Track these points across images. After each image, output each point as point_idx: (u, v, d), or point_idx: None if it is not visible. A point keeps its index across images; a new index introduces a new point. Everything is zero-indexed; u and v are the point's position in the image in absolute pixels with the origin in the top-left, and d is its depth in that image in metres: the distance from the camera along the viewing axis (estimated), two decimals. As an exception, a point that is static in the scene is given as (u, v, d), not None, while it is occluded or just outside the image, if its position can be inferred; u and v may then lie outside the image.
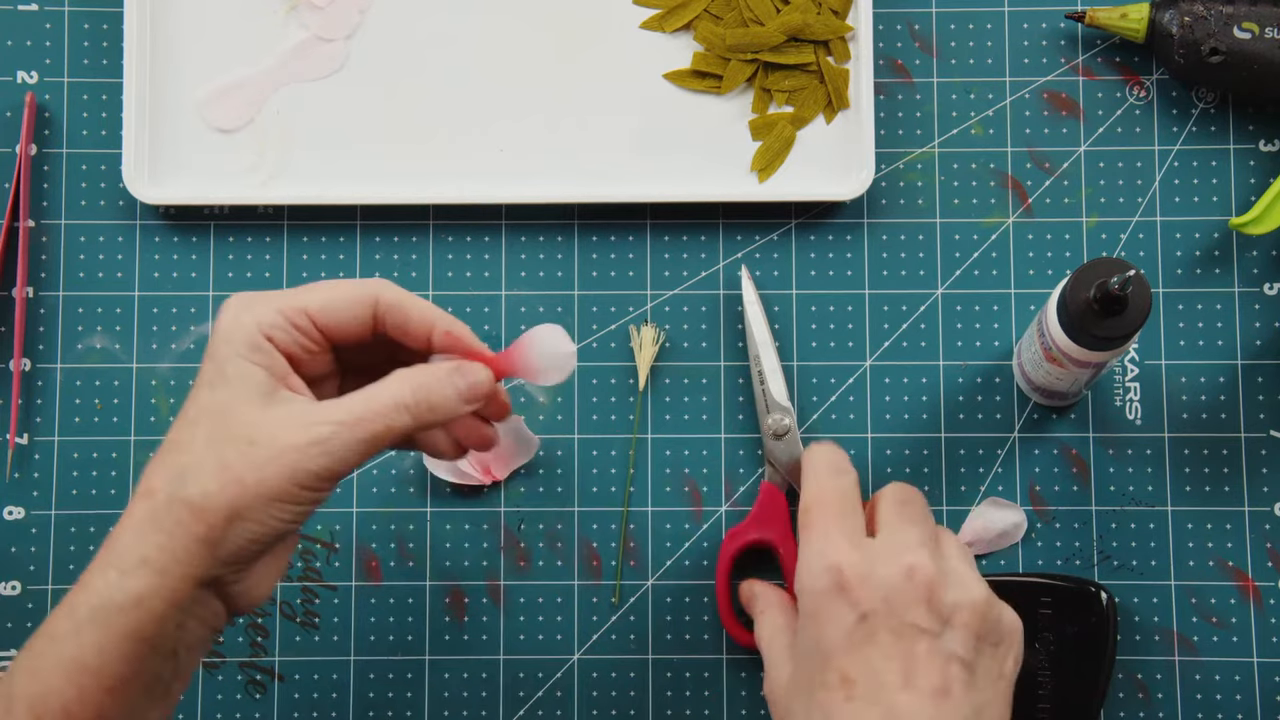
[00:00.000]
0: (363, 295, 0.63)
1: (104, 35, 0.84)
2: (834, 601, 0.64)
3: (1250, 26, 0.80)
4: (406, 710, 0.80)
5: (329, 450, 0.59)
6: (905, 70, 0.84)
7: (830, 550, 0.65)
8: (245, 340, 0.60)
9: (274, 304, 0.62)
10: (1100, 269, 0.68)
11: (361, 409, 0.60)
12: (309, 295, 0.62)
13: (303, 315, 0.62)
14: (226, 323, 0.61)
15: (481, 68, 0.83)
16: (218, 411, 0.60)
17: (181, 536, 0.58)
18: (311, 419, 0.59)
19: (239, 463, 0.59)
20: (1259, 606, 0.80)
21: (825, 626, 0.64)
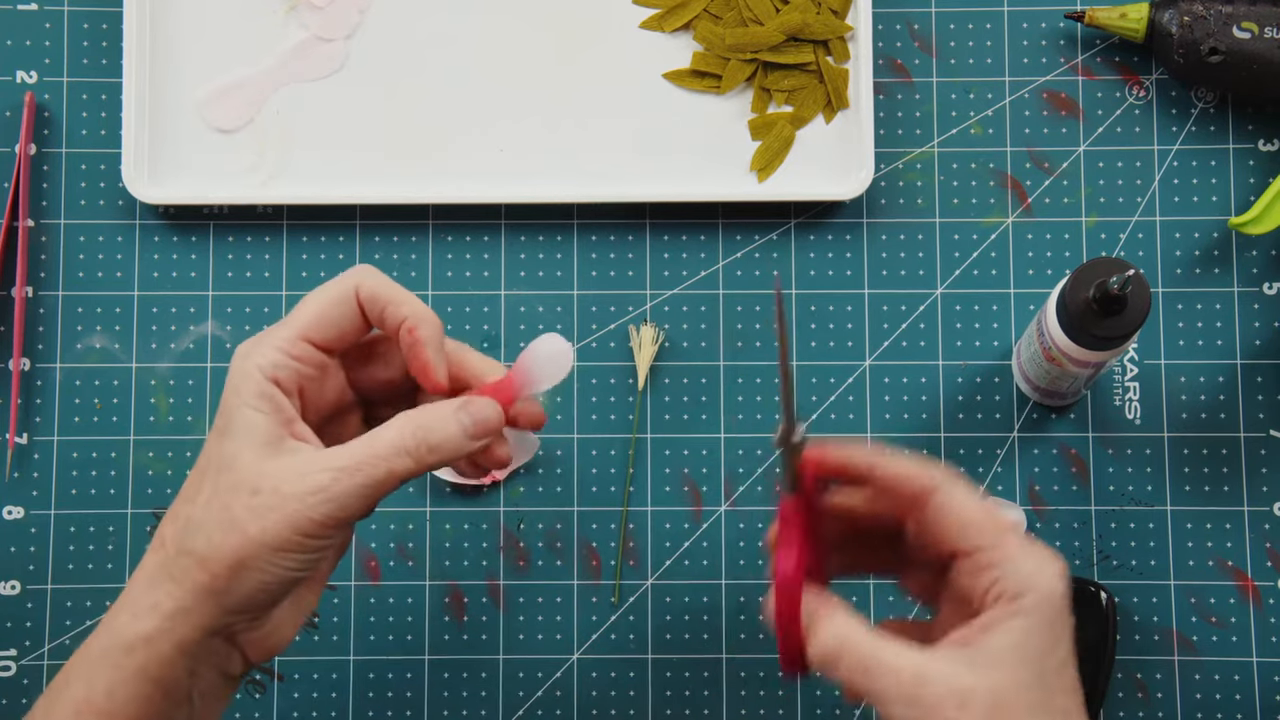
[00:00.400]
0: (345, 293, 0.62)
1: (104, 35, 0.84)
2: (1065, 610, 0.59)
3: (1250, 26, 0.80)
4: (406, 710, 0.80)
5: (330, 498, 0.59)
6: (905, 70, 0.84)
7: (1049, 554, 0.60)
8: (252, 389, 0.60)
9: (273, 342, 0.61)
10: (1100, 269, 0.68)
11: (362, 454, 0.59)
12: (300, 317, 0.62)
13: (299, 343, 0.61)
14: (234, 372, 0.61)
15: (481, 68, 0.83)
16: (223, 462, 0.60)
17: (189, 586, 0.59)
18: (312, 466, 0.59)
19: (242, 513, 0.59)
20: (1259, 606, 0.80)
21: (1062, 631, 0.59)
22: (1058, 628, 0.57)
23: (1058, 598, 0.57)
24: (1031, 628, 0.57)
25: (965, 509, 0.59)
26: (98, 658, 0.59)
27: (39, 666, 0.80)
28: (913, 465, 0.61)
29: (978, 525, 0.59)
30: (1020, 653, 0.57)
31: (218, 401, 0.81)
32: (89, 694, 0.58)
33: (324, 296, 0.62)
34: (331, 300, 0.62)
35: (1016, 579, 0.57)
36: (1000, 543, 0.59)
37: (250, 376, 0.60)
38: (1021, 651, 0.57)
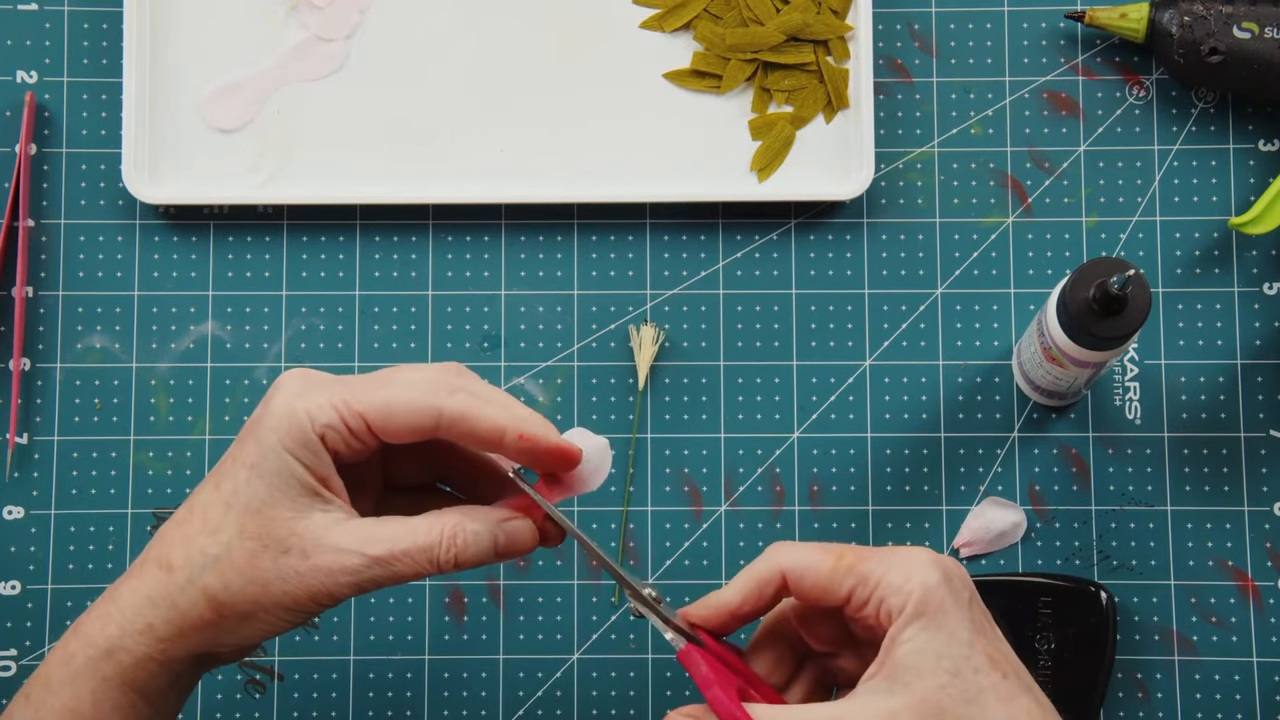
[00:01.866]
0: (426, 409, 0.60)
1: (104, 35, 0.84)
2: (951, 591, 0.59)
3: (1250, 26, 0.80)
4: (406, 710, 0.80)
5: (358, 583, 0.59)
6: (905, 70, 0.84)
7: (909, 552, 0.61)
8: (296, 435, 0.59)
9: (332, 400, 0.59)
10: (1100, 269, 0.68)
11: (396, 549, 0.59)
12: (370, 398, 0.60)
13: (359, 420, 0.60)
14: (280, 408, 0.59)
15: (481, 68, 0.83)
16: (255, 505, 0.59)
17: (194, 619, 0.59)
18: (345, 544, 0.59)
19: (269, 569, 0.59)
20: (1259, 606, 0.80)
21: (955, 615, 0.59)
22: (949, 614, 0.58)
23: (934, 590, 0.58)
24: (924, 629, 0.58)
25: (815, 571, 0.60)
26: (82, 669, 0.59)
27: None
28: (750, 574, 0.61)
29: (830, 575, 0.60)
30: (927, 654, 0.58)
31: (218, 402, 0.82)
32: (75, 704, 0.59)
33: (401, 399, 0.60)
34: (407, 408, 0.60)
35: (893, 594, 0.58)
36: (863, 571, 0.59)
37: (299, 424, 0.59)
38: (927, 652, 0.58)
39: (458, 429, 0.60)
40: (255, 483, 0.59)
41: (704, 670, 0.61)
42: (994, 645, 0.59)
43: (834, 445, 0.82)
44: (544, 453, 0.61)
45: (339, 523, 0.60)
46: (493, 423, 0.60)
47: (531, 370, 0.82)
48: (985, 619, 0.60)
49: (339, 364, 0.82)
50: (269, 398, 0.60)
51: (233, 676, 0.80)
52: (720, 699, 0.60)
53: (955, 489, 0.81)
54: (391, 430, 0.60)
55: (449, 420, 0.60)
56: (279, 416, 0.59)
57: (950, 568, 0.59)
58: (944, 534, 0.81)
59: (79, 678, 0.59)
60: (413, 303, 0.83)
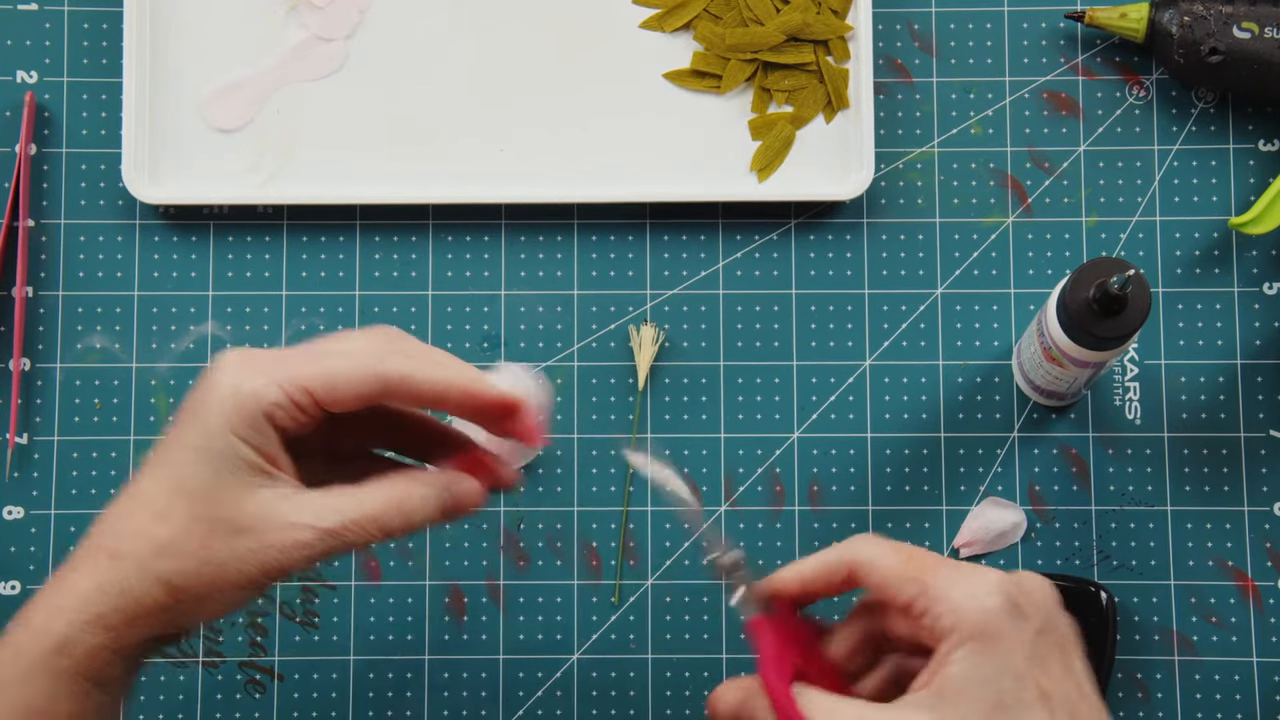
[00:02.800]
0: (368, 375, 0.60)
1: (104, 35, 0.84)
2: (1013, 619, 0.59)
3: (1250, 26, 0.80)
4: (406, 710, 0.80)
5: (310, 556, 0.59)
6: (905, 70, 0.84)
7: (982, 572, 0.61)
8: (243, 416, 0.59)
9: (275, 377, 0.60)
10: (1100, 269, 0.68)
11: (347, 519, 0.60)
12: (312, 370, 0.60)
13: (305, 394, 0.60)
14: (224, 389, 0.59)
15: (481, 68, 0.83)
16: (204, 489, 0.59)
17: (148, 605, 0.59)
18: (297, 518, 0.59)
19: (222, 552, 0.59)
20: (1259, 606, 0.80)
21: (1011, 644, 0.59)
22: (1003, 642, 0.58)
23: (993, 615, 0.58)
24: (975, 653, 0.57)
25: (884, 570, 0.60)
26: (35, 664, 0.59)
27: (39, 666, 0.80)
28: (825, 555, 0.61)
29: (899, 578, 0.60)
30: (973, 680, 0.57)
31: (218, 401, 0.82)
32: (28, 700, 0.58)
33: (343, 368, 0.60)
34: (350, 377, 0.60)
35: (951, 612, 0.58)
36: (928, 583, 0.59)
37: (245, 405, 0.59)
38: (974, 678, 0.57)
39: (401, 392, 0.61)
40: (202, 466, 0.59)
41: (763, 646, 0.61)
42: (1054, 679, 0.59)
43: (834, 445, 0.82)
44: (487, 406, 0.62)
45: (288, 498, 0.60)
46: (434, 382, 0.61)
47: (531, 370, 0.82)
48: (1055, 649, 0.59)
49: (339, 364, 0.82)
50: (209, 379, 0.60)
51: (233, 676, 0.80)
52: (770, 677, 0.60)
53: (955, 489, 0.81)
54: (336, 400, 0.60)
55: (392, 384, 0.60)
56: (223, 398, 0.59)
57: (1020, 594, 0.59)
58: (944, 534, 0.81)
59: (31, 673, 0.58)
60: (413, 303, 0.83)
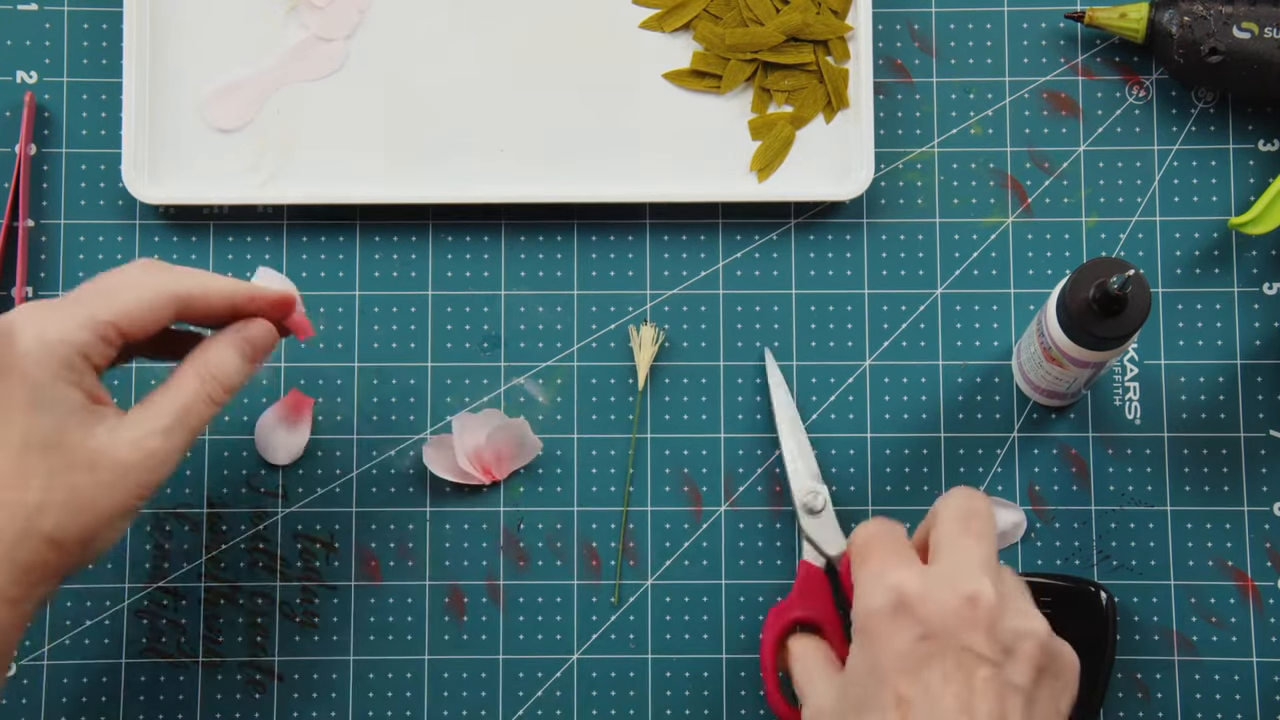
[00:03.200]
0: (166, 298, 0.65)
1: (104, 35, 0.84)
2: (894, 621, 0.62)
3: (1250, 26, 0.80)
4: (406, 710, 0.80)
5: (165, 459, 0.63)
6: (905, 70, 0.84)
7: (890, 572, 0.64)
8: (62, 363, 0.61)
9: (79, 320, 0.62)
10: (1100, 269, 0.68)
11: (177, 411, 0.64)
12: (110, 305, 0.63)
13: (110, 328, 0.63)
14: (31, 341, 0.61)
15: (481, 67, 0.83)
16: (50, 441, 0.61)
17: (39, 570, 0.61)
18: (139, 433, 0.63)
19: (91, 491, 0.61)
20: (1259, 606, 0.80)
21: (883, 645, 0.62)
22: (877, 644, 0.63)
23: (871, 615, 0.64)
24: (859, 646, 0.64)
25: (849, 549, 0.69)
26: None
27: (39, 666, 0.80)
28: None
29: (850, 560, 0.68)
30: (854, 671, 0.64)
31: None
32: None
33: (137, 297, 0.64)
34: (146, 304, 0.64)
35: (855, 602, 0.66)
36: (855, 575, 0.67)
37: (60, 353, 0.61)
38: (854, 670, 0.64)
39: (195, 308, 0.66)
40: (41, 419, 0.61)
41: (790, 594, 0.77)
42: (924, 691, 0.61)
43: (834, 445, 0.82)
44: (271, 305, 0.69)
45: (122, 422, 0.63)
46: (223, 292, 0.67)
47: (531, 370, 0.82)
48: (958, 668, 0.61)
49: (339, 364, 0.82)
50: (6, 335, 0.61)
51: (233, 676, 0.80)
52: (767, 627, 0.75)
53: (955, 489, 0.81)
54: (140, 329, 0.64)
55: (188, 301, 0.65)
56: (37, 350, 0.61)
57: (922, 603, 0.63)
58: (944, 534, 0.81)
59: None
60: (413, 303, 0.83)
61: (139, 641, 0.80)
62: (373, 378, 0.82)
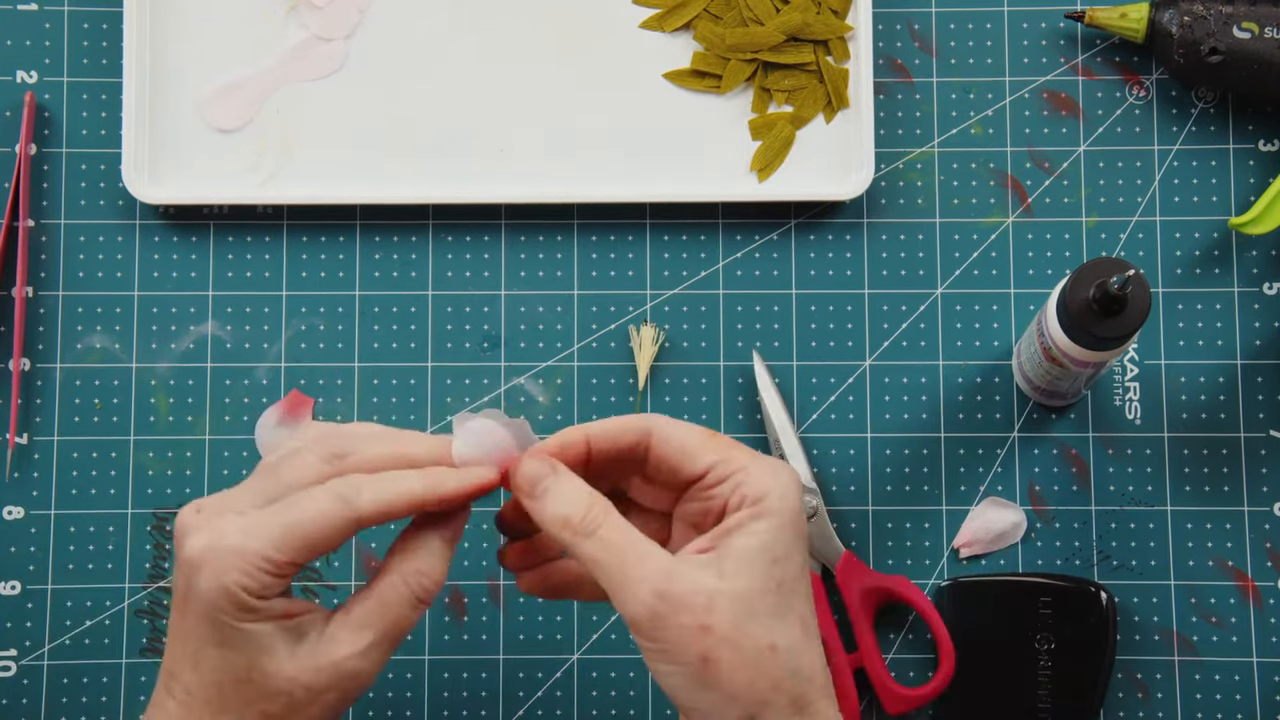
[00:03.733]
0: (342, 522, 0.59)
1: (104, 35, 0.84)
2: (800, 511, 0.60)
3: (1250, 26, 0.80)
4: (406, 710, 0.80)
5: (367, 679, 0.60)
6: (905, 70, 0.84)
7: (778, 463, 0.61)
8: (241, 607, 0.58)
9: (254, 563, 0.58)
10: (1100, 269, 0.68)
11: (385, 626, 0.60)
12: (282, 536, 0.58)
13: (290, 568, 0.59)
14: (210, 587, 0.57)
15: (481, 67, 0.83)
16: (241, 676, 0.59)
17: None
18: (339, 655, 0.59)
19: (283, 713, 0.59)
20: (1259, 606, 0.80)
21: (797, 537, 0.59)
22: (795, 532, 0.59)
23: (793, 500, 0.59)
24: (773, 529, 0.58)
25: (684, 437, 0.61)
26: None
27: (39, 666, 0.80)
28: (620, 420, 0.62)
29: (700, 445, 0.60)
30: (763, 555, 0.58)
31: (218, 402, 0.82)
32: None
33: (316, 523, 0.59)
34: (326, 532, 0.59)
35: (754, 484, 0.59)
36: (731, 455, 0.60)
37: (236, 600, 0.58)
38: (764, 554, 0.58)
39: (378, 520, 0.60)
40: (232, 656, 0.58)
41: None
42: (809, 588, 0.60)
43: (834, 445, 0.82)
44: (464, 498, 0.61)
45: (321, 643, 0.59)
46: (409, 496, 0.60)
47: (531, 370, 0.82)
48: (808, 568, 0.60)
49: (339, 364, 0.82)
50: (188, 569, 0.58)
51: (233, 676, 0.80)
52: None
53: (955, 489, 0.81)
54: (315, 554, 0.59)
55: (367, 521, 0.60)
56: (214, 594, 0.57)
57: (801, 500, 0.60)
58: (944, 534, 0.81)
59: None
60: (413, 303, 0.83)
61: (139, 641, 0.80)
62: (373, 378, 0.82)
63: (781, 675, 0.57)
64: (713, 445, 0.60)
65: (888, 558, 0.81)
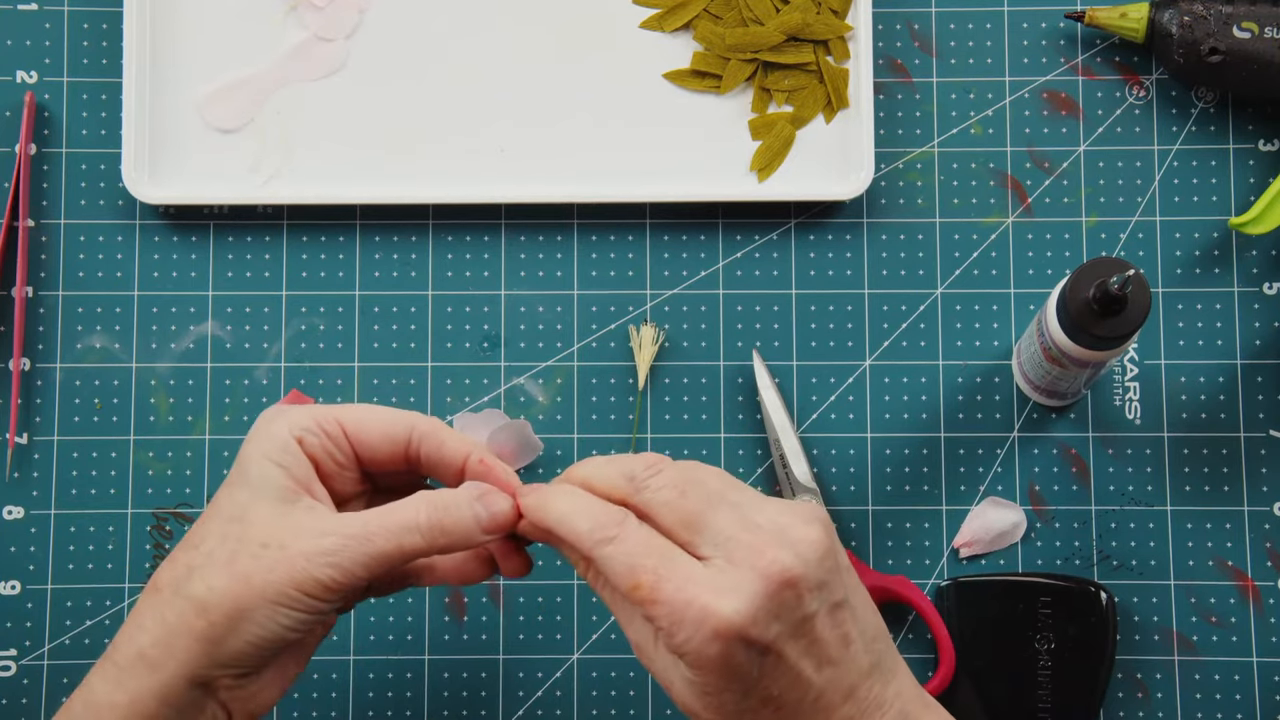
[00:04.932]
0: (398, 421, 0.63)
1: (104, 35, 0.84)
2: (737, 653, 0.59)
3: (1250, 26, 0.80)
4: (406, 710, 0.80)
5: (336, 562, 0.59)
6: (905, 70, 0.84)
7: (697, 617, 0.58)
8: (274, 443, 0.61)
9: (309, 411, 0.62)
10: (1100, 269, 0.68)
11: (375, 525, 0.60)
12: (345, 410, 0.63)
13: (335, 424, 0.62)
14: (258, 429, 0.62)
15: (481, 67, 0.83)
16: (234, 512, 0.60)
17: (182, 631, 0.58)
18: (323, 528, 0.60)
19: (248, 563, 0.59)
20: (1259, 606, 0.80)
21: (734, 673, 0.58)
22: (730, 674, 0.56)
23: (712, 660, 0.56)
24: (700, 677, 0.57)
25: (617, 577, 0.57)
26: (81, 718, 0.59)
27: (39, 666, 0.80)
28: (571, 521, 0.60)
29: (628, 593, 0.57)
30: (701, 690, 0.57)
31: (218, 402, 0.82)
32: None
33: (374, 412, 0.63)
34: (380, 419, 0.63)
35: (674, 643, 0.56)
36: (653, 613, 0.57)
37: (275, 435, 0.61)
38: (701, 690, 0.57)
39: (428, 445, 0.63)
40: (235, 493, 0.61)
41: None
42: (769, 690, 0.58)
43: (834, 445, 0.82)
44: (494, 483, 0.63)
45: (316, 511, 0.61)
46: (459, 443, 0.63)
47: (531, 370, 0.82)
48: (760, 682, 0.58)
49: (339, 364, 0.82)
50: (251, 429, 0.63)
51: (233, 676, 0.80)
52: None
53: (955, 489, 0.81)
54: (366, 439, 0.62)
55: (420, 434, 0.63)
56: (259, 438, 0.62)
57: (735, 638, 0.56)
58: (944, 534, 0.81)
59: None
60: (413, 303, 0.83)
61: (139, 641, 0.80)
62: (373, 378, 0.82)
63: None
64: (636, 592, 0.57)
65: (888, 558, 0.81)
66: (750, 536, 0.57)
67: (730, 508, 0.58)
